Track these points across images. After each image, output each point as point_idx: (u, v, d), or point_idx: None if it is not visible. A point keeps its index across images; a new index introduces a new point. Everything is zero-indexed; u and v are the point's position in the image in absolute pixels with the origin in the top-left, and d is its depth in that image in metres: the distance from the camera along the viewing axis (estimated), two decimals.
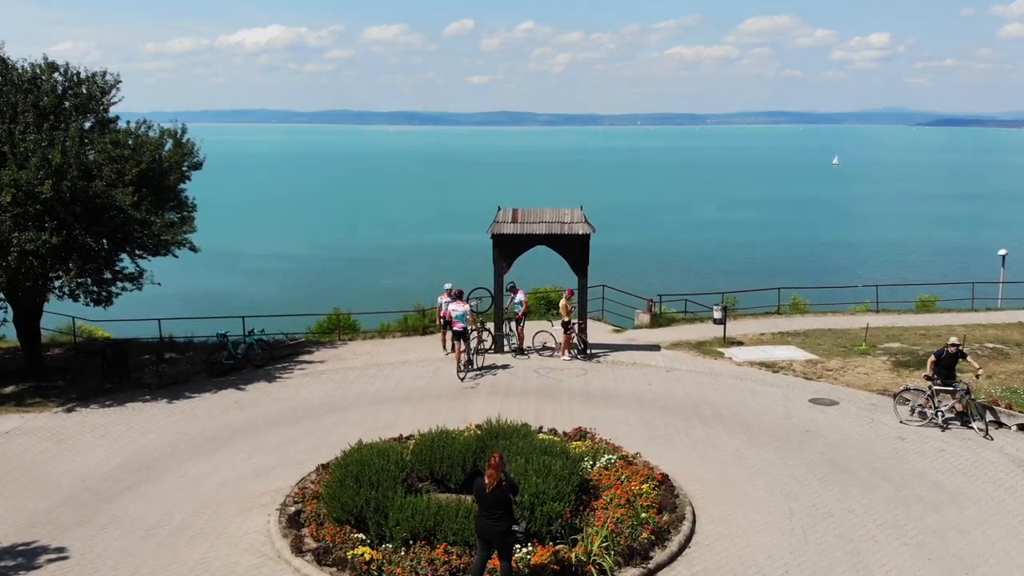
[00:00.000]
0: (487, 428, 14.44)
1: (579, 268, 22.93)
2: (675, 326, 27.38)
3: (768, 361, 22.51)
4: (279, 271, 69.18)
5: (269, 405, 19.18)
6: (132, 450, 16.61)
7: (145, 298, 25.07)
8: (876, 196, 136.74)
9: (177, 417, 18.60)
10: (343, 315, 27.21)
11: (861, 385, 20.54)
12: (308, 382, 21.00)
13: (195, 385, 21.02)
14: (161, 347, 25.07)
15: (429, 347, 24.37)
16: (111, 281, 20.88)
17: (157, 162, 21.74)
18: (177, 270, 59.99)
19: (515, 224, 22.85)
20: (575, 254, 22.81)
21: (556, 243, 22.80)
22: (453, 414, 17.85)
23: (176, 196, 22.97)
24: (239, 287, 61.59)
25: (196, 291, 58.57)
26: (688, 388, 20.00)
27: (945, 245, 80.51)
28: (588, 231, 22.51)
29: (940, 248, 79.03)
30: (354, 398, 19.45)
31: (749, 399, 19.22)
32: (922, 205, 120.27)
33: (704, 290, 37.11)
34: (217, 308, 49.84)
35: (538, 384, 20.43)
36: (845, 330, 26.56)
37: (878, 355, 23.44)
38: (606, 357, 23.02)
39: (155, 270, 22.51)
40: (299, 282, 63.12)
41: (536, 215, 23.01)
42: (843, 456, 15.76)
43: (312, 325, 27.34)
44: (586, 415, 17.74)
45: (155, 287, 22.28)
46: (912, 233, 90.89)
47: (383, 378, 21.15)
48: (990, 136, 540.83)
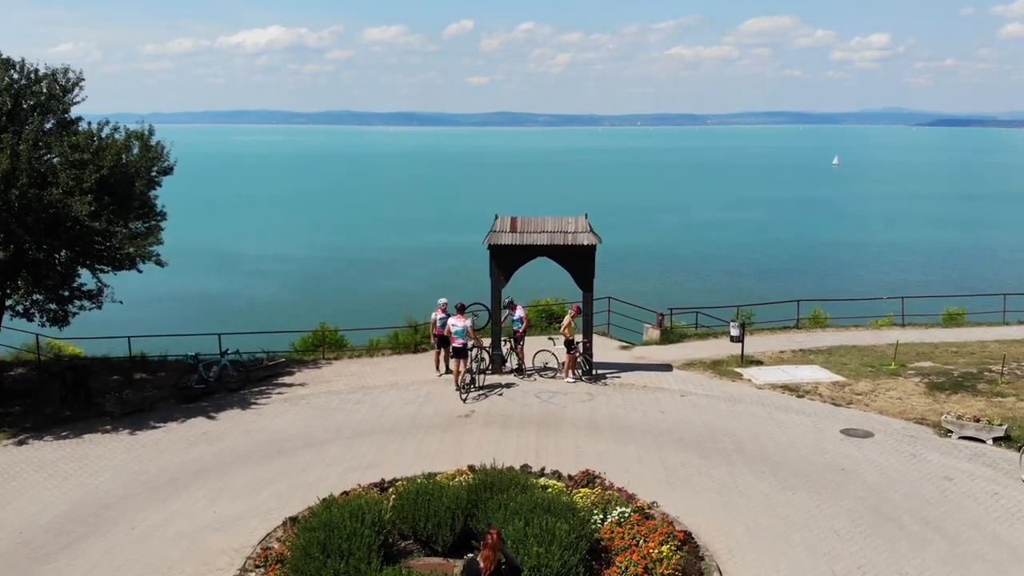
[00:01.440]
0: (480, 475, 12.52)
1: (584, 282, 21.01)
2: (687, 342, 25.44)
3: (791, 384, 20.57)
4: (268, 277, 67.20)
5: (240, 438, 17.24)
6: (82, 493, 14.69)
7: (120, 310, 23.27)
8: (883, 197, 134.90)
9: (137, 452, 16.68)
10: (329, 331, 25.27)
11: (896, 412, 18.61)
12: (286, 409, 19.06)
13: (162, 413, 19.08)
14: (131, 367, 23.14)
15: (420, 367, 22.43)
16: (68, 299, 18.95)
17: (122, 167, 19.83)
18: (160, 278, 58.18)
19: (514, 234, 20.92)
20: (580, 267, 20.89)
21: (559, 255, 20.88)
22: (444, 450, 15.93)
23: (144, 204, 21.05)
24: (224, 295, 59.60)
25: (177, 301, 56.56)
26: (706, 416, 18.06)
27: (966, 250, 78.53)
28: (594, 241, 20.58)
29: (961, 253, 77.01)
30: (335, 429, 17.52)
31: (774, 430, 17.29)
32: (935, 207, 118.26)
33: (715, 300, 35.25)
34: (198, 320, 47.94)
35: (539, 411, 18.50)
36: (871, 347, 24.62)
37: (909, 376, 21.50)
38: (614, 379, 21.08)
39: (133, 279, 20.64)
40: (287, 290, 61.12)
41: (537, 224, 21.08)
42: (887, 502, 13.84)
43: (296, 341, 25.40)
44: (593, 451, 15.82)
45: (141, 295, 20.38)
46: (928, 238, 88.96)
47: (368, 404, 19.21)
48: (991, 136, 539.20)
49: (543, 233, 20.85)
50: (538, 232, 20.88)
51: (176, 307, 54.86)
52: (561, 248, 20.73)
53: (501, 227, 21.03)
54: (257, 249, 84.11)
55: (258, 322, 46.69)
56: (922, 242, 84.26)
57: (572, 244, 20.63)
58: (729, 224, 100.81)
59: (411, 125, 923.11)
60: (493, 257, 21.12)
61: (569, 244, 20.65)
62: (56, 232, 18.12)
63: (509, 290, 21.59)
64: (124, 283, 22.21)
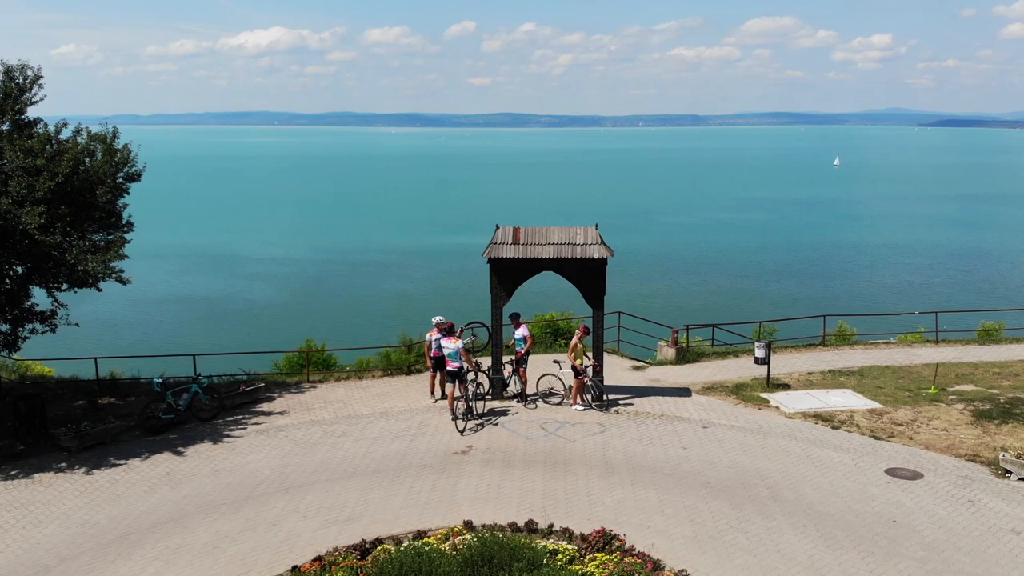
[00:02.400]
0: (478, 541, 10.53)
1: (594, 299, 19.01)
2: (705, 362, 23.40)
3: (824, 412, 18.56)
4: (259, 283, 65.23)
5: (208, 480, 15.25)
6: (19, 552, 12.72)
7: (96, 323, 21.38)
8: (892, 199, 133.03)
9: (90, 497, 14.71)
10: (315, 349, 23.29)
11: (943, 447, 16.59)
12: (261, 443, 17.06)
13: (124, 448, 17.10)
14: (100, 390, 21.16)
15: (413, 391, 20.45)
16: (18, 321, 16.99)
17: (82, 173, 17.89)
18: (143, 286, 56.35)
19: (517, 246, 18.93)
20: (589, 282, 18.90)
21: (566, 269, 18.88)
22: (436, 498, 13.93)
23: (111, 214, 19.11)
24: (210, 304, 57.58)
25: (159, 311, 54.51)
26: (734, 454, 16.04)
27: (989, 257, 76.45)
28: (605, 255, 18.58)
29: (985, 259, 74.90)
30: (314, 469, 15.52)
31: (811, 471, 15.27)
32: (947, 210, 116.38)
33: (730, 309, 33.22)
34: (179, 334, 46.04)
35: (545, 446, 16.49)
36: (905, 367, 22.60)
37: (952, 402, 19.48)
38: (627, 406, 19.08)
39: (112, 288, 18.65)
40: (278, 299, 59.11)
41: (542, 235, 19.08)
42: (951, 566, 11.83)
43: (280, 361, 23.41)
44: (608, 499, 13.82)
45: (119, 306, 18.46)
46: (942, 242, 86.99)
47: (354, 438, 17.22)
48: (995, 137, 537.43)
49: (549, 245, 18.86)
50: (543, 244, 18.89)
51: (157, 318, 52.92)
52: (569, 262, 18.74)
53: (502, 238, 19.05)
54: (250, 253, 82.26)
55: (242, 336, 44.87)
56: (937, 246, 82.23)
57: (581, 257, 18.63)
58: (736, 227, 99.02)
59: (413, 126, 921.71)
60: (494, 271, 19.13)
61: (578, 257, 18.65)
62: (4, 246, 16.17)
63: (511, 304, 19.62)
64: (99, 295, 20.30)
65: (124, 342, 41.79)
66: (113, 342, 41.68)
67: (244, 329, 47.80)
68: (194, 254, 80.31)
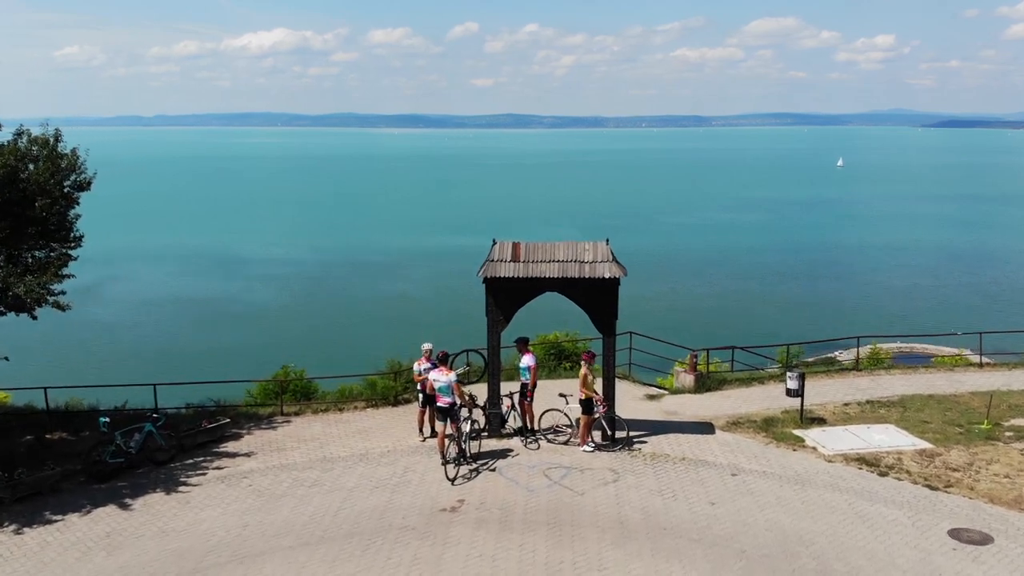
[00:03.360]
0: None
1: (604, 324, 16.68)
2: (727, 390, 21.03)
3: (868, 454, 16.22)
4: (244, 296, 62.89)
5: (151, 543, 12.95)
6: None
7: (57, 346, 19.14)
8: (904, 199, 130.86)
9: (15, 564, 12.43)
10: (294, 375, 20.98)
11: (1010, 500, 14.25)
12: (220, 495, 14.75)
13: (64, 499, 14.79)
14: (49, 423, 18.86)
15: (399, 427, 18.14)
16: None
17: (20, 183, 15.64)
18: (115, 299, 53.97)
19: (517, 263, 16.61)
20: (599, 305, 16.57)
21: (573, 289, 16.56)
22: (417, 573, 11.63)
23: (59, 227, 16.86)
24: (190, 316, 55.25)
25: (128, 329, 52.05)
26: (770, 511, 13.70)
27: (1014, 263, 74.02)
28: (617, 274, 16.26)
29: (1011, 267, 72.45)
30: (276, 531, 13.19)
31: (862, 533, 12.94)
32: (961, 212, 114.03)
33: (750, 323, 30.85)
34: (145, 354, 43.68)
35: (549, 500, 14.16)
36: (951, 397, 20.25)
37: (1009, 440, 17.16)
38: (642, 446, 16.76)
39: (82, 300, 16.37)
40: (262, 313, 56.62)
41: (546, 251, 16.76)
42: None
43: (254, 388, 21.09)
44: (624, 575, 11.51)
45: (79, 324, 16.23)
46: (958, 246, 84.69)
47: (327, 488, 14.90)
48: (999, 137, 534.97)
49: (553, 263, 16.54)
50: (547, 262, 16.58)
51: (127, 333, 50.58)
52: (576, 282, 16.41)
53: (500, 255, 16.72)
54: (243, 255, 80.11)
55: (220, 356, 42.53)
56: (962, 254, 79.62)
57: (590, 277, 16.31)
58: (744, 229, 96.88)
59: (416, 127, 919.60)
60: (490, 292, 16.79)
61: (586, 277, 16.32)
62: None
63: (511, 327, 17.29)
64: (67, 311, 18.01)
65: (88, 364, 39.50)
66: (78, 364, 39.46)
67: (223, 346, 45.45)
68: (185, 256, 78.19)
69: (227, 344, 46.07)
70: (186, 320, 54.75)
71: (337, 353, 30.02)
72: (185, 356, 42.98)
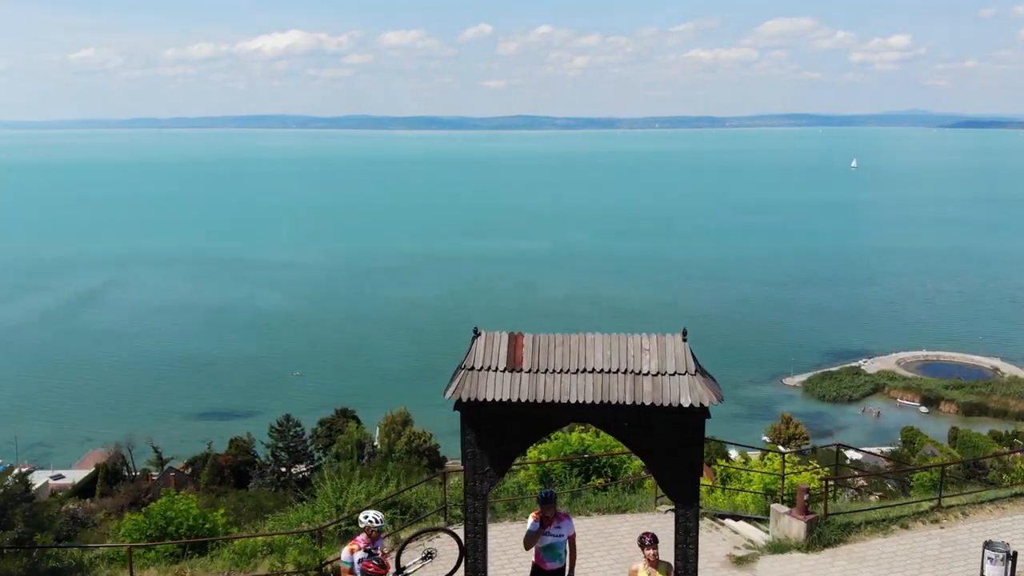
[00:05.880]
0: None
1: (679, 483, 7.63)
2: (857, 541, 11.18)
3: None
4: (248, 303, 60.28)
5: None
6: None
7: None
8: (917, 201, 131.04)
9: None
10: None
11: None
12: None
13: None
14: None
15: None
16: None
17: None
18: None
19: (516, 374, 7.66)
20: (670, 449, 7.62)
21: (623, 423, 7.64)
22: None
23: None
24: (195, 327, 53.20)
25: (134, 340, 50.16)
26: None
27: None
28: (707, 400, 7.24)
29: None
30: None
31: None
32: (990, 216, 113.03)
33: (779, 335, 31.44)
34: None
35: None
36: None
37: None
38: None
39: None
40: (267, 323, 55.25)
41: (570, 350, 7.73)
42: None
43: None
44: None
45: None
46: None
47: None
48: (1016, 138, 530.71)
49: (584, 374, 7.63)
50: (573, 372, 7.64)
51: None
52: (629, 411, 7.51)
53: (485, 359, 7.68)
54: (248, 264, 77.01)
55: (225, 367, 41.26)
56: (979, 255, 78.94)
57: (654, 405, 7.42)
58: (761, 233, 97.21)
59: (430, 129, 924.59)
60: (470, 426, 7.69)
61: (649, 404, 7.43)
62: None
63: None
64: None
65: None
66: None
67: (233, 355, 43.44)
68: (197, 261, 77.15)
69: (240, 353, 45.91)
70: (194, 326, 55.28)
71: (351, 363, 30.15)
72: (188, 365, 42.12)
